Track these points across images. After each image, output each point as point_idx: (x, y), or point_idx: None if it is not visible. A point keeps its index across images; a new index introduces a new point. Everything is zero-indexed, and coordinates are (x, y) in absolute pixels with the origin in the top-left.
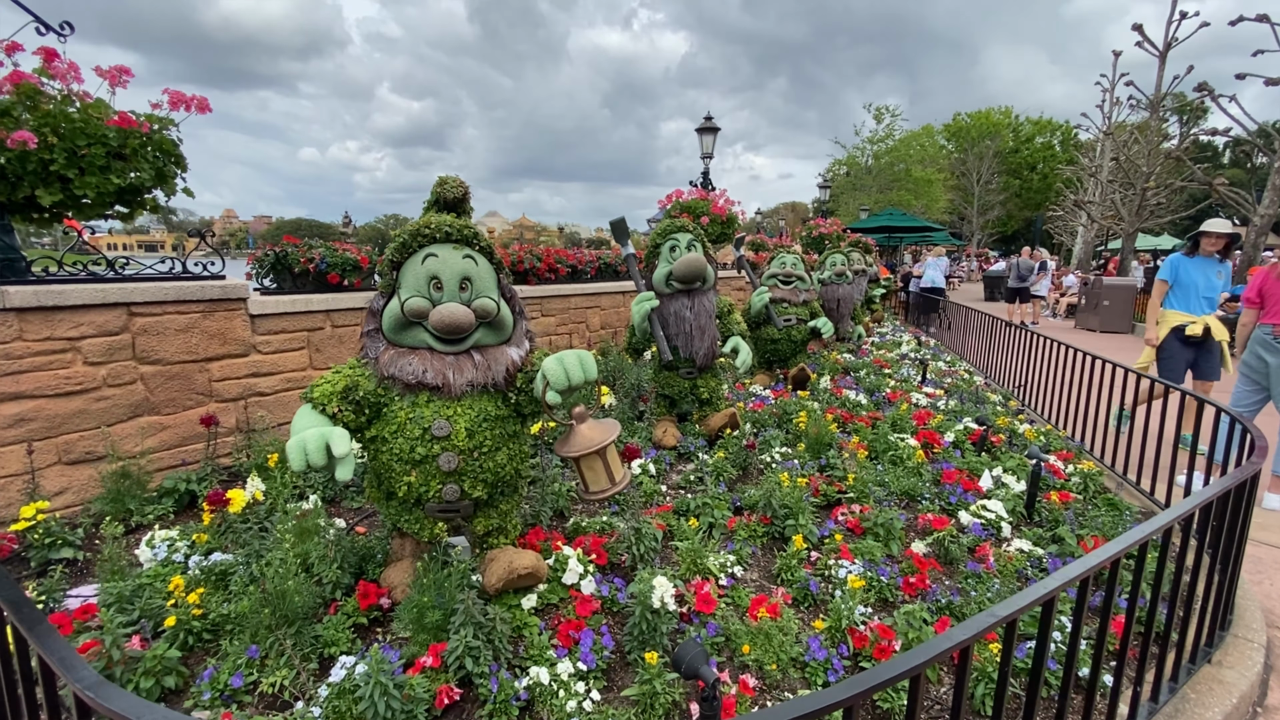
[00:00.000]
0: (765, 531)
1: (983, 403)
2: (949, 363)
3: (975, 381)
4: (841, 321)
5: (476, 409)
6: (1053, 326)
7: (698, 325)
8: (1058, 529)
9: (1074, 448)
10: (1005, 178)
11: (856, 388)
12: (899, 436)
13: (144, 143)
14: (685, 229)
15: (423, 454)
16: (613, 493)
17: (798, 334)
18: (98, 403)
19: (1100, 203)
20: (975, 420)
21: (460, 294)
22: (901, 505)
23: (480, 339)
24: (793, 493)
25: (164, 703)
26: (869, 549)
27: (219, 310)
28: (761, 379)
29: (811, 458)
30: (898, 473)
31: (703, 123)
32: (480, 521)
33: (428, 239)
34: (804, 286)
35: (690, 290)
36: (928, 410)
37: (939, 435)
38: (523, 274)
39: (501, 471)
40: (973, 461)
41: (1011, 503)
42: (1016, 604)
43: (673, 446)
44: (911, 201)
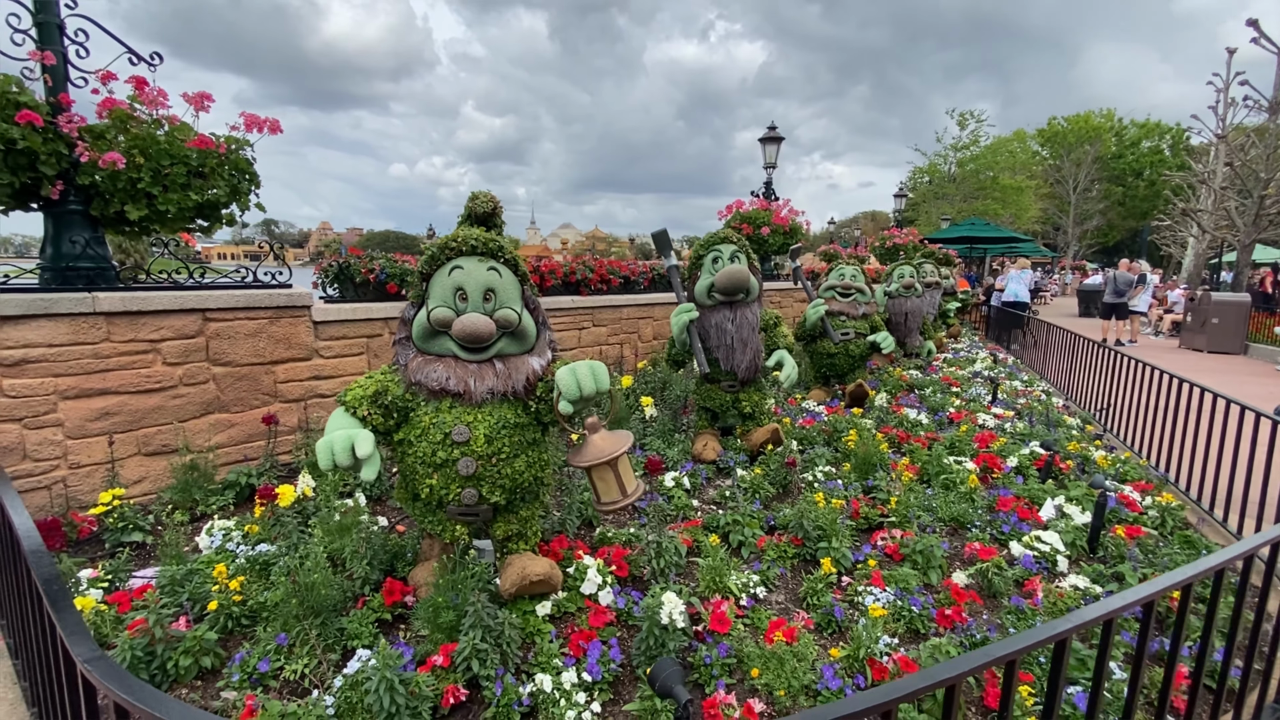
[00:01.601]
0: (796, 553)
1: (1056, 426)
2: (1026, 382)
3: (1052, 403)
4: (909, 336)
5: (496, 416)
6: (1154, 346)
7: (739, 338)
8: (1120, 566)
9: (1155, 478)
10: (1106, 185)
11: (919, 406)
12: (956, 459)
13: (221, 162)
14: (728, 240)
15: (443, 458)
16: (624, 504)
17: (856, 349)
18: (174, 400)
19: (1213, 211)
20: (1041, 445)
21: (484, 304)
22: (948, 532)
23: (503, 348)
24: (827, 514)
25: (201, 680)
26: (904, 577)
27: (285, 317)
28: (817, 394)
29: (858, 478)
30: (948, 498)
31: (766, 132)
32: (500, 526)
33: (454, 252)
34: (864, 299)
35: (732, 302)
36: (991, 432)
37: (1000, 459)
38: (574, 285)
39: (520, 478)
40: (1034, 489)
41: (1072, 535)
42: (1018, 643)
43: (712, 461)
44: (999, 211)
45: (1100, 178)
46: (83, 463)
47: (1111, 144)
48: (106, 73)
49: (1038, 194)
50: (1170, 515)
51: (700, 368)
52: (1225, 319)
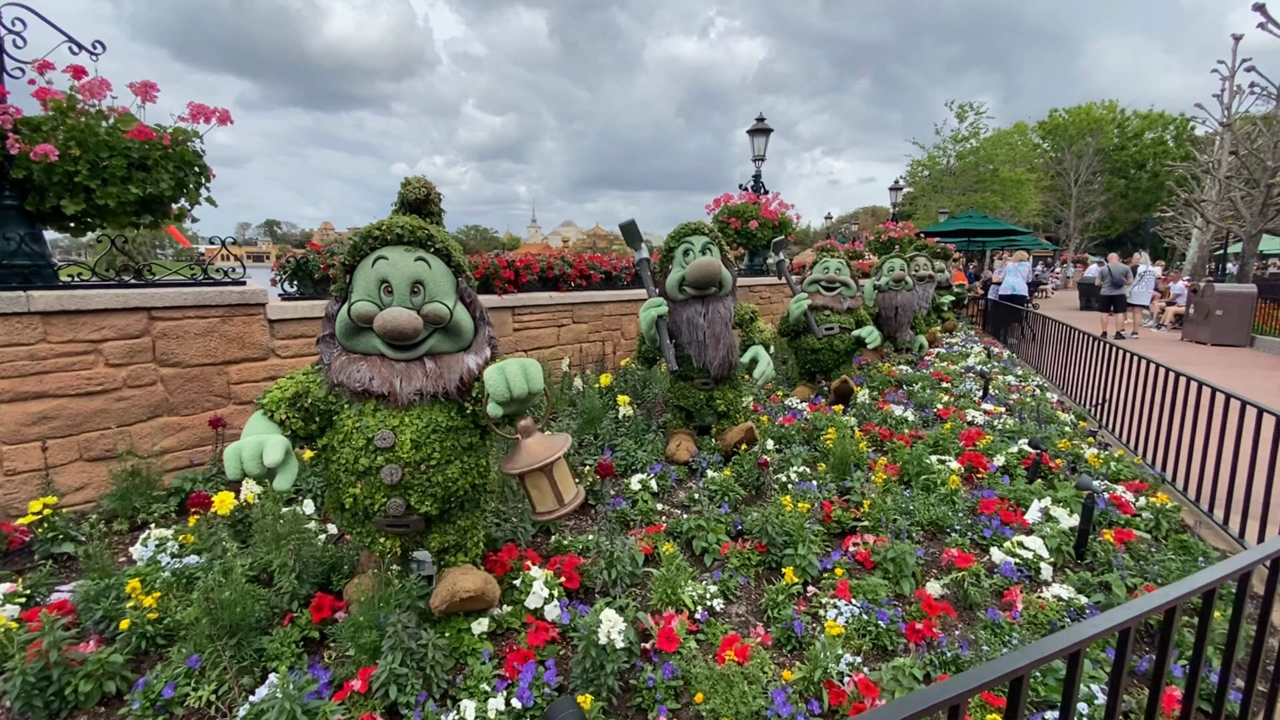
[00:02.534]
0: (760, 560)
1: (1047, 423)
2: (1020, 377)
3: (1046, 399)
4: (899, 331)
5: (425, 419)
6: (1157, 339)
7: (711, 333)
8: (1107, 575)
9: (1151, 477)
10: (1109, 177)
11: (907, 403)
12: (940, 459)
13: (165, 155)
14: (700, 231)
15: (366, 465)
16: (562, 513)
17: (841, 344)
18: (118, 403)
19: (1218, 202)
20: (1029, 443)
21: (412, 298)
22: (926, 537)
23: (434, 345)
24: (793, 518)
25: (104, 707)
26: (873, 587)
27: (238, 315)
28: (801, 391)
29: (834, 479)
30: (928, 500)
31: (755, 124)
32: (435, 538)
33: (378, 241)
34: (849, 293)
35: (704, 296)
36: (978, 430)
37: (985, 458)
38: (552, 280)
39: (453, 486)
40: (1021, 490)
41: (1057, 540)
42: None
43: (685, 461)
44: (998, 204)
45: (1102, 170)
46: (19, 469)
47: (1114, 136)
48: (43, 62)
49: (1038, 187)
50: (1165, 518)
51: (668, 365)
52: (1230, 311)
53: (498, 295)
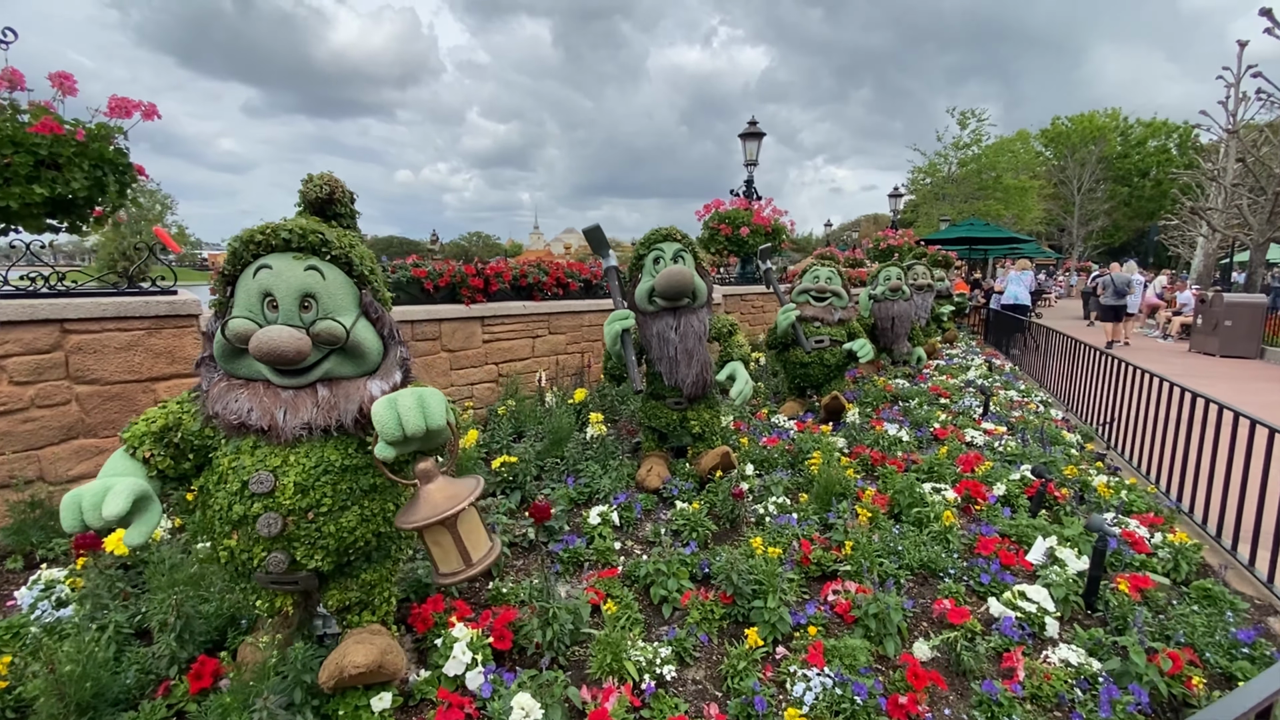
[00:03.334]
0: (725, 614)
1: (1052, 444)
2: (1023, 392)
3: (1051, 416)
4: (896, 342)
5: (315, 458)
6: (1162, 349)
7: (683, 348)
8: (1123, 638)
9: (1167, 509)
10: (1112, 185)
11: (903, 421)
12: (934, 487)
13: (79, 152)
14: (671, 237)
15: (241, 513)
16: (468, 575)
17: (831, 357)
18: (24, 424)
19: (1223, 210)
20: (1033, 470)
21: (301, 314)
22: (917, 582)
23: (331, 370)
24: (764, 564)
25: None
26: (851, 650)
27: (167, 327)
28: (791, 407)
29: (818, 510)
30: (918, 537)
31: (746, 128)
32: (334, 595)
33: (260, 247)
34: (840, 304)
35: (676, 308)
36: (977, 453)
37: (984, 487)
38: (526, 289)
39: (350, 537)
40: (1023, 525)
41: (1064, 589)
42: None
43: (655, 489)
44: (1001, 211)
45: (1105, 178)
46: None
47: (1117, 144)
48: None
49: (1041, 194)
50: (1185, 558)
51: (632, 383)
52: (1239, 321)
53: (465, 305)
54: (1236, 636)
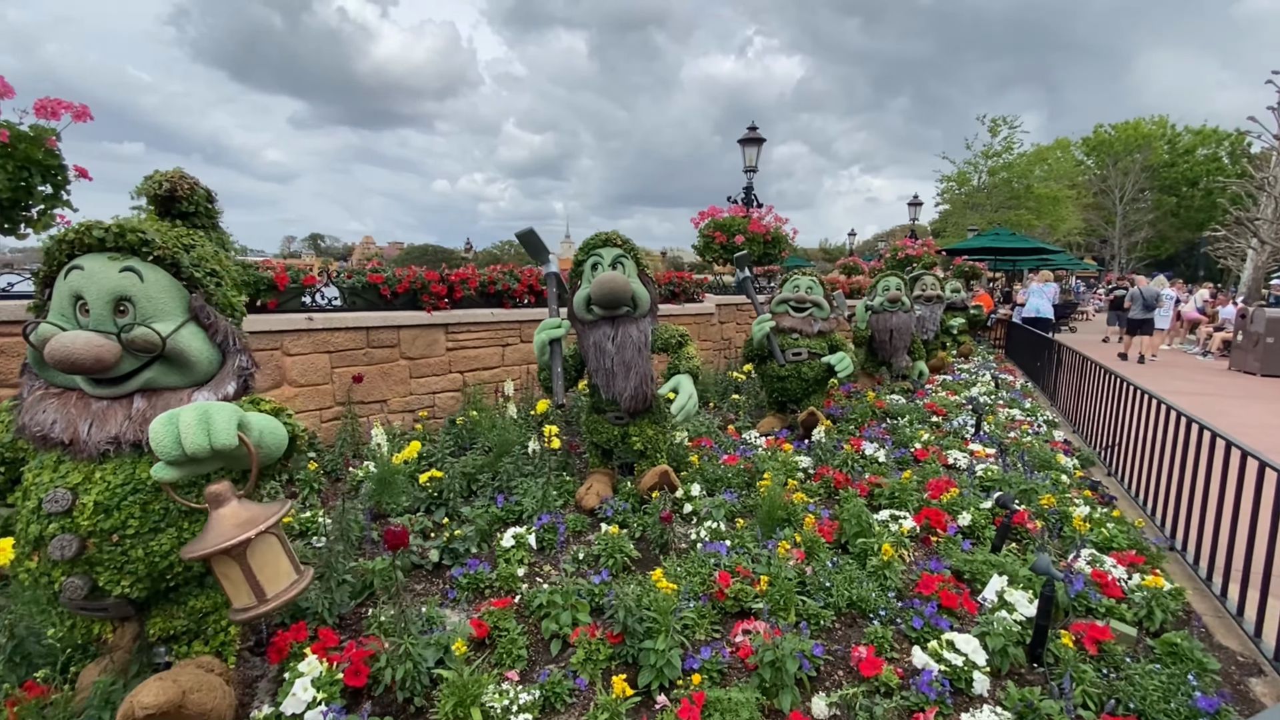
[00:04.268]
0: (612, 654)
1: (1041, 469)
2: (1028, 411)
3: (1052, 438)
4: (895, 356)
5: (123, 475)
6: (1197, 366)
7: (620, 360)
8: (1045, 702)
9: (1154, 547)
10: (1158, 195)
11: (887, 439)
12: (894, 514)
13: (1, 154)
14: (612, 243)
15: (36, 533)
16: (262, 612)
17: (809, 371)
18: None
19: (1274, 220)
20: (998, 500)
21: (116, 318)
22: (844, 624)
23: (154, 379)
24: (661, 599)
25: None
26: (735, 705)
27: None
28: (770, 422)
29: (763, 537)
30: (853, 572)
31: (747, 133)
32: (156, 622)
33: (74, 246)
34: (821, 314)
35: (615, 318)
36: (947, 479)
37: (946, 516)
38: (495, 296)
39: (163, 562)
40: (978, 562)
41: (1002, 640)
42: None
43: (591, 509)
44: (1033, 221)
45: (1150, 187)
46: None
47: (1163, 152)
48: None
49: (1079, 204)
50: (1161, 606)
51: (555, 397)
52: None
53: (426, 312)
54: (1197, 704)
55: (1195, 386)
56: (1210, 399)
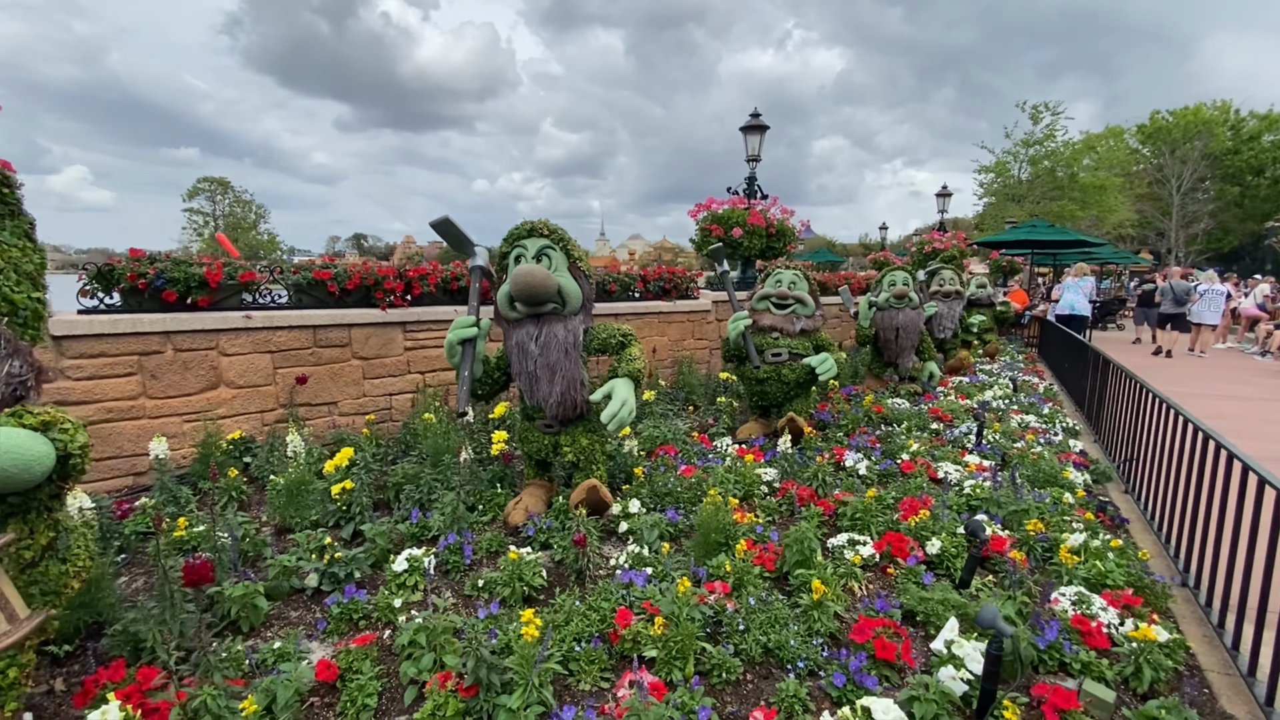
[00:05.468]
0: (465, 710)
1: (1045, 486)
2: (1045, 419)
3: (1068, 448)
4: (901, 356)
5: None
6: (1252, 368)
7: (545, 362)
8: None
9: (1161, 585)
10: (1220, 184)
11: (877, 449)
12: (852, 538)
13: None
14: (537, 233)
15: None
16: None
17: (790, 373)
18: None
19: None
20: (967, 528)
21: None
22: (758, 677)
23: None
24: (525, 647)
25: None
26: None
27: None
28: (750, 428)
29: (697, 563)
30: (778, 611)
31: (749, 120)
32: None
33: None
34: (804, 312)
35: (539, 315)
36: (924, 498)
37: (911, 542)
38: (459, 292)
39: None
40: (934, 601)
41: (935, 706)
42: None
43: (517, 526)
44: (1076, 213)
45: (1211, 176)
46: None
47: (1226, 138)
48: None
49: (1131, 194)
50: (1152, 662)
51: (459, 403)
52: None
53: (381, 310)
54: None
55: (1248, 390)
56: (1262, 404)
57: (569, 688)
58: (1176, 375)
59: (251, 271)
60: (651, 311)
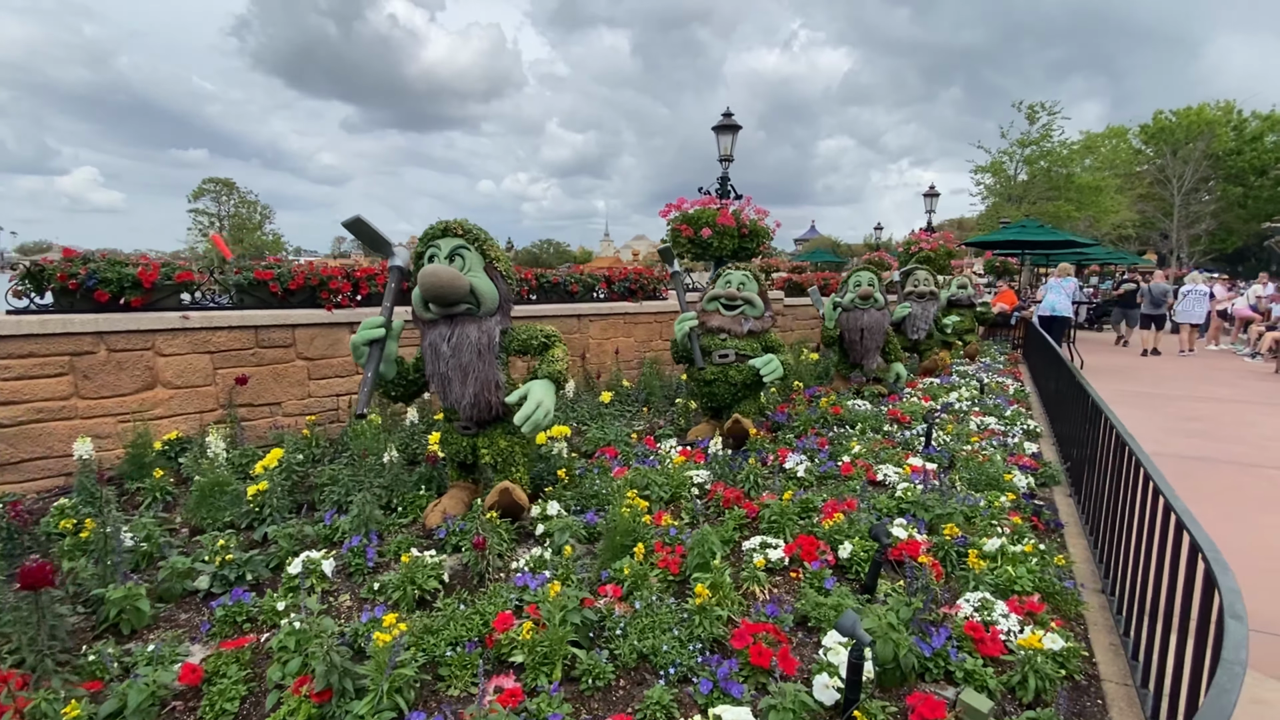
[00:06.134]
0: (316, 715)
1: (984, 489)
2: (1007, 421)
3: (1022, 450)
4: (866, 357)
5: None
6: (1239, 369)
7: (457, 363)
8: None
9: (1068, 593)
10: (1223, 184)
11: (823, 451)
12: (765, 542)
13: None
14: (451, 232)
15: None
16: None
17: (737, 374)
18: None
19: None
20: (871, 532)
21: None
22: (631, 684)
23: None
24: (376, 651)
25: None
26: None
27: None
28: (701, 429)
29: (602, 566)
30: (662, 616)
31: (721, 120)
32: None
33: None
34: (753, 313)
35: (452, 316)
36: (846, 500)
37: (822, 546)
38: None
39: None
40: (828, 606)
41: (792, 715)
42: None
43: (433, 529)
44: (1072, 213)
45: (1213, 176)
46: None
47: (1229, 139)
48: None
49: (1132, 195)
50: (1038, 671)
51: (359, 404)
52: None
53: (326, 310)
54: None
55: (1229, 391)
56: (1242, 406)
57: (437, 693)
58: (1161, 375)
59: (189, 272)
60: (617, 312)
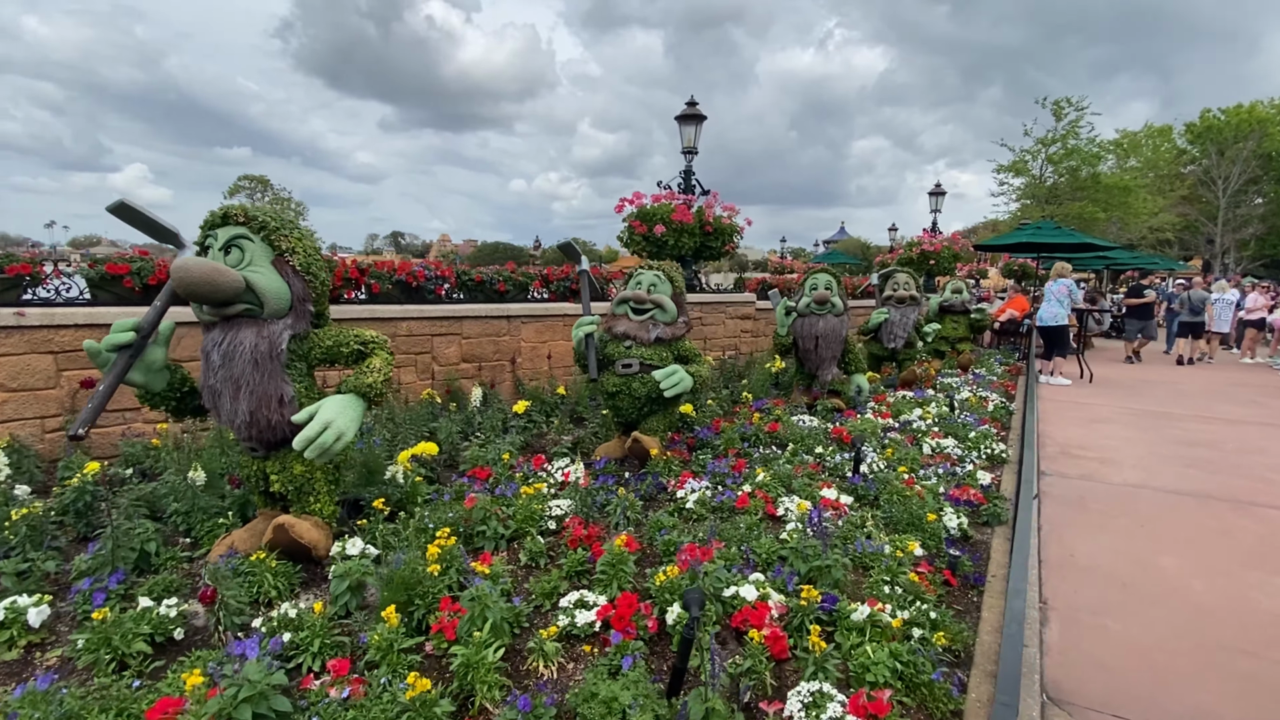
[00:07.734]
0: None
1: (831, 541)
2: (969, 444)
3: (974, 480)
4: (821, 367)
5: None
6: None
7: (228, 375)
8: None
9: (934, 686)
10: (1274, 186)
11: (736, 475)
12: (583, 598)
13: None
14: (232, 220)
15: None
16: None
17: (640, 386)
18: None
19: None
20: (682, 600)
21: None
22: None
23: None
24: None
25: None
26: None
27: None
28: (610, 447)
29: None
30: (373, 709)
31: (685, 109)
32: None
33: None
34: (663, 318)
35: (227, 318)
36: (717, 541)
37: (647, 606)
38: None
39: None
40: (600, 700)
41: None
42: None
43: None
44: (1098, 215)
45: (1264, 177)
46: None
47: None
48: None
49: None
50: None
51: (76, 422)
52: None
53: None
54: None
55: (1245, 411)
56: (1254, 429)
57: None
58: (1179, 391)
59: (25, 264)
60: (554, 314)
